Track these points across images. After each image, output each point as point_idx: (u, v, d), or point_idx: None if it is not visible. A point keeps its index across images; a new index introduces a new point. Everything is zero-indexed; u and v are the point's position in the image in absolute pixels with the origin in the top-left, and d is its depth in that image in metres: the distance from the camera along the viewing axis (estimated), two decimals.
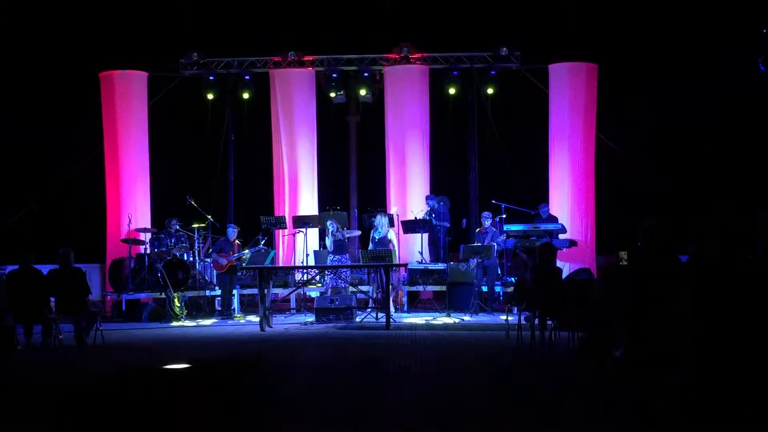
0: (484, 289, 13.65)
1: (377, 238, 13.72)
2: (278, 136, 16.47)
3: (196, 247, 14.35)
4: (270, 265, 12.59)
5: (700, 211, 14.67)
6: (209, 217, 14.59)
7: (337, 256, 13.47)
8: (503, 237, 13.76)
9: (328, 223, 13.69)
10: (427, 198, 15.20)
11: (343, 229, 13.76)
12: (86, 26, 16.27)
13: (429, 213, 14.89)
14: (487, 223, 13.83)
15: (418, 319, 12.87)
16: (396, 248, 13.75)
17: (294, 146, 16.37)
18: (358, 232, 14.74)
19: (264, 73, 16.68)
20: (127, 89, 16.07)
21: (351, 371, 8.06)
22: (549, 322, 9.00)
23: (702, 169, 15.93)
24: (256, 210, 15.62)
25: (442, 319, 12.53)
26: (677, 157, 16.10)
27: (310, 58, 16.56)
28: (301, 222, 14.94)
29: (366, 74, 16.50)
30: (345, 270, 13.24)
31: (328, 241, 13.60)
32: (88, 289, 10.37)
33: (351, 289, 13.56)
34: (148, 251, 14.19)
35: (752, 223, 6.76)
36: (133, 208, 15.52)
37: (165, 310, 13.19)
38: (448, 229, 14.83)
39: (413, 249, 15.38)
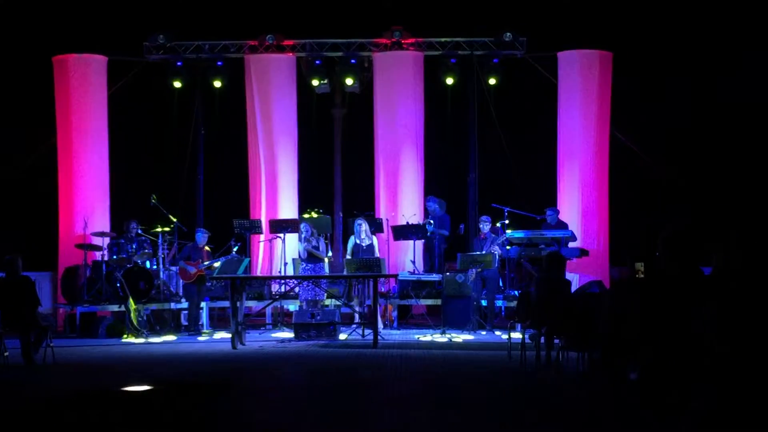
0: (484, 303, 13.66)
1: (364, 246, 13.65)
2: (254, 129, 16.45)
3: (160, 253, 14.30)
4: (243, 275, 12.56)
5: (726, 219, 14.71)
6: (175, 220, 14.55)
7: (309, 265, 13.43)
8: (502, 239, 13.73)
9: (302, 226, 13.62)
10: (427, 200, 15.16)
11: (318, 236, 13.64)
12: (39, 4, 16.19)
13: (430, 217, 14.86)
14: (486, 228, 13.83)
15: (409, 336, 12.86)
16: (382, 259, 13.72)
17: (272, 141, 16.35)
18: (324, 254, 13.80)
19: (238, 59, 16.66)
20: (83, 75, 16.01)
21: (334, 395, 8.05)
22: (556, 341, 9.01)
23: (730, 173, 15.96)
24: (228, 213, 15.58)
25: (437, 337, 12.52)
26: (702, 159, 16.12)
27: (291, 42, 16.56)
28: (279, 227, 14.92)
29: (353, 61, 16.50)
30: (322, 281, 13.21)
31: (300, 247, 13.52)
32: (38, 301, 10.31)
33: (334, 302, 13.55)
34: (106, 258, 14.12)
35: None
36: (90, 209, 15.47)
37: (124, 325, 13.13)
38: (446, 238, 14.83)
39: (404, 258, 15.38)
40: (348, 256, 13.52)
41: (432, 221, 14.74)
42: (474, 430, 6.41)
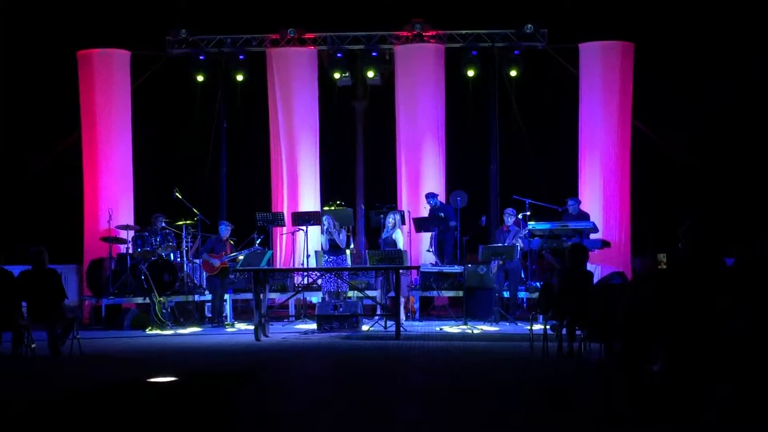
0: (506, 294, 13.65)
1: (384, 237, 13.71)
2: (276, 122, 16.48)
3: (184, 246, 14.37)
4: (266, 267, 12.61)
5: (748, 210, 14.63)
6: (199, 213, 14.61)
7: (332, 257, 13.48)
8: (524, 232, 13.70)
9: (324, 219, 13.68)
10: (427, 196, 15.12)
11: (340, 228, 13.68)
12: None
13: (430, 212, 14.90)
14: (510, 220, 13.79)
15: (431, 328, 12.88)
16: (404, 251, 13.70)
17: (293, 134, 16.38)
18: (343, 244, 13.91)
19: (260, 53, 16.69)
20: (107, 70, 16.10)
21: (356, 386, 8.08)
22: (578, 332, 9.00)
23: (753, 163, 15.83)
24: (250, 205, 15.63)
25: (459, 329, 12.53)
26: (725, 150, 15.99)
27: (312, 35, 16.56)
28: (301, 219, 14.94)
29: (374, 54, 16.48)
30: (344, 273, 13.26)
31: (323, 239, 13.58)
32: (64, 293, 10.39)
33: (356, 294, 13.58)
34: (131, 251, 14.23)
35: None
36: (114, 202, 15.56)
37: (149, 317, 13.21)
38: (453, 228, 14.82)
39: (424, 249, 15.37)
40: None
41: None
42: (496, 422, 6.42)
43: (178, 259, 14.33)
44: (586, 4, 16.01)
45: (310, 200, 16.24)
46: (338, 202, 15.93)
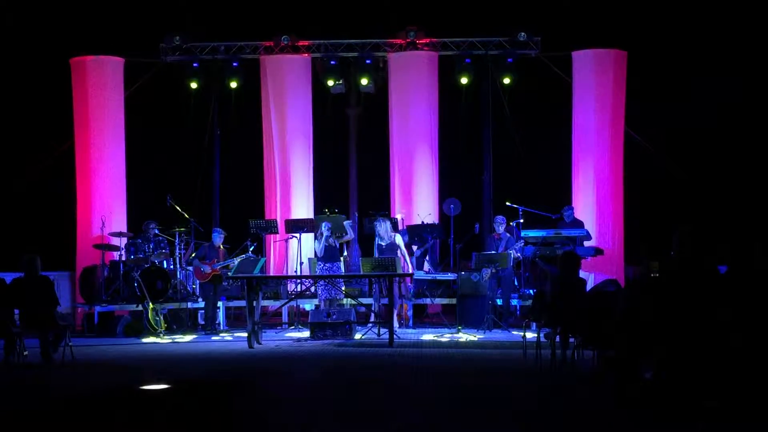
0: (499, 302, 13.65)
1: (383, 245, 13.64)
2: (269, 130, 16.48)
3: (177, 253, 14.35)
4: (259, 275, 12.60)
5: (741, 218, 14.67)
6: (192, 220, 14.60)
7: (327, 264, 13.45)
8: (520, 244, 13.75)
9: (323, 225, 13.64)
10: (401, 232, 15.07)
11: (335, 235, 13.68)
12: (55, 6, 16.28)
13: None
14: (501, 228, 13.80)
15: (424, 335, 12.88)
16: (406, 256, 13.64)
17: (287, 142, 16.38)
18: (351, 236, 14.53)
19: (254, 60, 16.70)
20: (100, 77, 16.08)
21: (350, 394, 8.07)
22: (571, 340, 9.00)
23: (746, 173, 15.87)
24: (244, 213, 15.63)
25: (452, 336, 12.53)
26: (719, 159, 16.03)
27: (306, 42, 16.58)
28: (295, 226, 14.94)
29: (368, 61, 16.51)
30: (339, 280, 13.25)
31: (318, 246, 13.52)
32: (56, 300, 10.37)
33: (350, 301, 13.56)
34: (124, 258, 14.20)
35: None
36: (107, 209, 15.53)
37: (142, 324, 13.19)
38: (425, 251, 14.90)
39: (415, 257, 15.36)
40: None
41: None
42: (490, 429, 6.42)
43: (171, 267, 14.30)
44: (579, 12, 16.06)
45: (303, 207, 16.23)
46: (332, 209, 15.93)
